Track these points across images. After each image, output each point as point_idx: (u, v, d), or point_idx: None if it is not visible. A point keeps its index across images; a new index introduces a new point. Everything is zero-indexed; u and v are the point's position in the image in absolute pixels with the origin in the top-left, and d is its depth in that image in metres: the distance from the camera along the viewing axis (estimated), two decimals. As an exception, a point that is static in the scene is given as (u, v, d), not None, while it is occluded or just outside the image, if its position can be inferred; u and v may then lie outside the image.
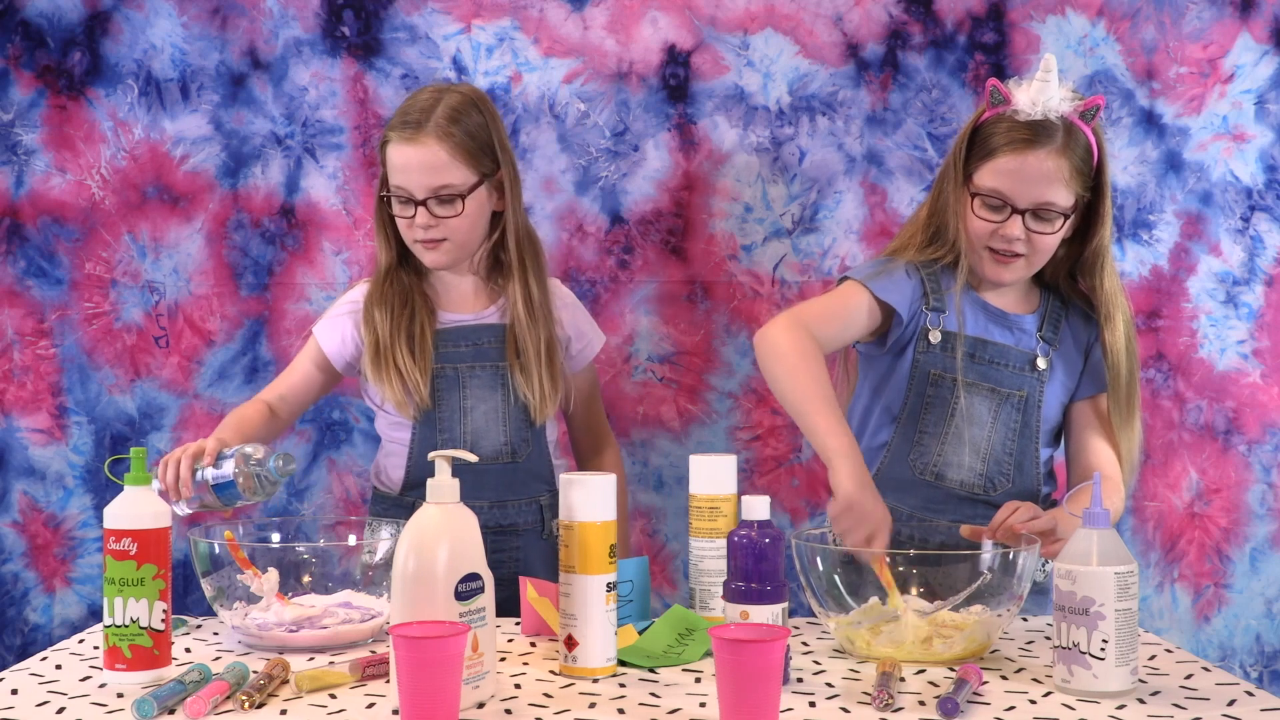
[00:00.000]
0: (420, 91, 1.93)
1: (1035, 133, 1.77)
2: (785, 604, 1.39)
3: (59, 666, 1.43)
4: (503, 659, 1.47)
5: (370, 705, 1.28)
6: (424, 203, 1.86)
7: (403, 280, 1.94)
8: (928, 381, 1.87)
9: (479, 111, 1.91)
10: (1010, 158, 1.77)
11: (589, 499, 1.40)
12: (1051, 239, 1.82)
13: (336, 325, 1.97)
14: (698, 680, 1.38)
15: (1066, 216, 1.81)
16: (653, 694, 1.33)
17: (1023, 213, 1.78)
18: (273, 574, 1.54)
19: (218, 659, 1.47)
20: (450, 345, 1.93)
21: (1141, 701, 1.30)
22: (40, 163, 2.35)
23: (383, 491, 1.99)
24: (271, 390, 1.97)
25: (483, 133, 1.90)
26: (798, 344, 1.73)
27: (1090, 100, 1.79)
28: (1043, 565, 1.80)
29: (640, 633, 1.54)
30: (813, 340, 1.75)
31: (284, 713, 1.26)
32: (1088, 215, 1.85)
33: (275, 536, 1.74)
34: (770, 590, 1.38)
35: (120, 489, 1.38)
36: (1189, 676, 1.39)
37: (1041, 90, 1.77)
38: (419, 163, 1.85)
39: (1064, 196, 1.78)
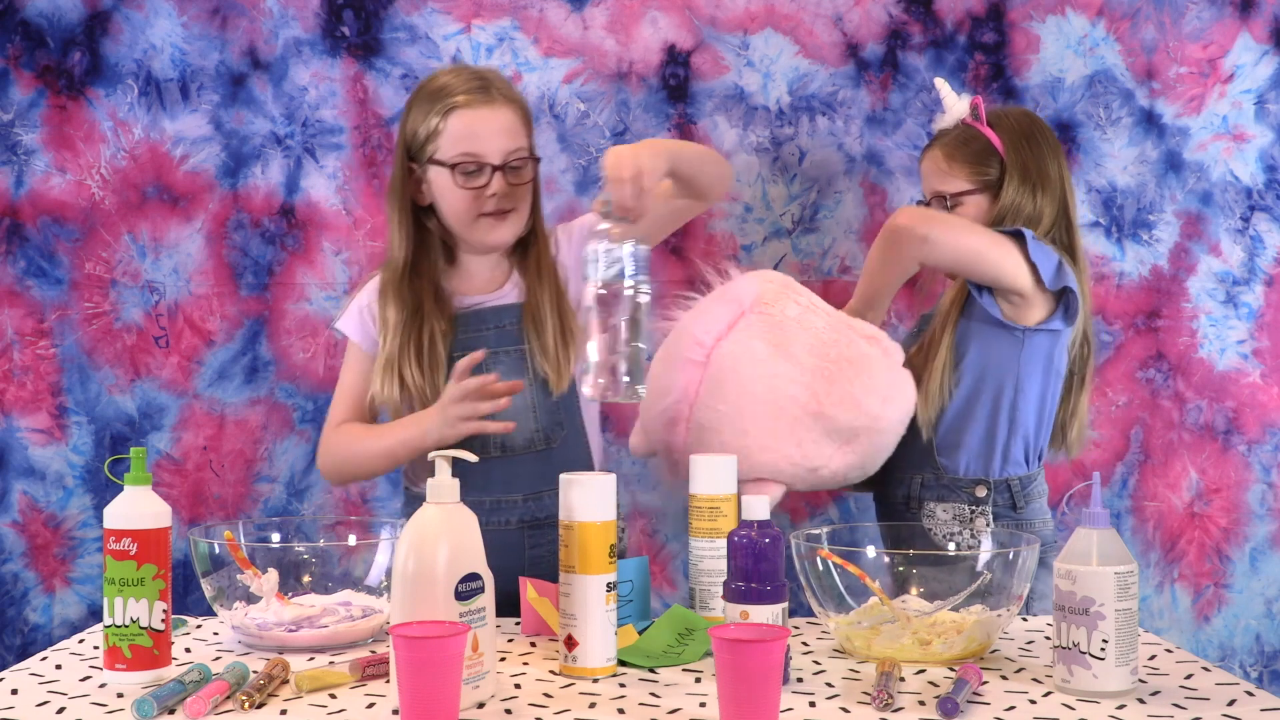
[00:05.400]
0: (454, 69, 1.85)
1: (931, 140, 2.13)
2: (785, 604, 1.39)
3: (59, 666, 1.43)
4: (503, 659, 1.47)
5: (370, 705, 1.28)
6: (501, 168, 1.78)
7: (418, 280, 1.85)
8: None
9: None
10: (920, 167, 2.15)
11: (589, 499, 1.40)
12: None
13: (354, 319, 1.90)
14: (698, 680, 1.38)
15: (957, 201, 2.04)
16: (653, 694, 1.33)
17: (927, 202, 2.10)
18: (272, 574, 1.54)
19: (218, 659, 1.47)
20: (473, 330, 1.84)
21: (1141, 701, 1.30)
22: (40, 163, 2.35)
23: (416, 492, 1.91)
24: (347, 412, 1.90)
25: (526, 104, 1.85)
26: None
27: (972, 100, 2.08)
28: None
29: (640, 633, 1.54)
30: None
31: (284, 713, 1.26)
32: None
33: (275, 536, 1.74)
34: (770, 590, 1.38)
35: (120, 489, 1.38)
36: (1189, 676, 1.39)
37: (944, 107, 2.10)
38: (497, 126, 1.77)
39: (952, 183, 2.04)
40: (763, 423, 1.82)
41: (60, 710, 1.27)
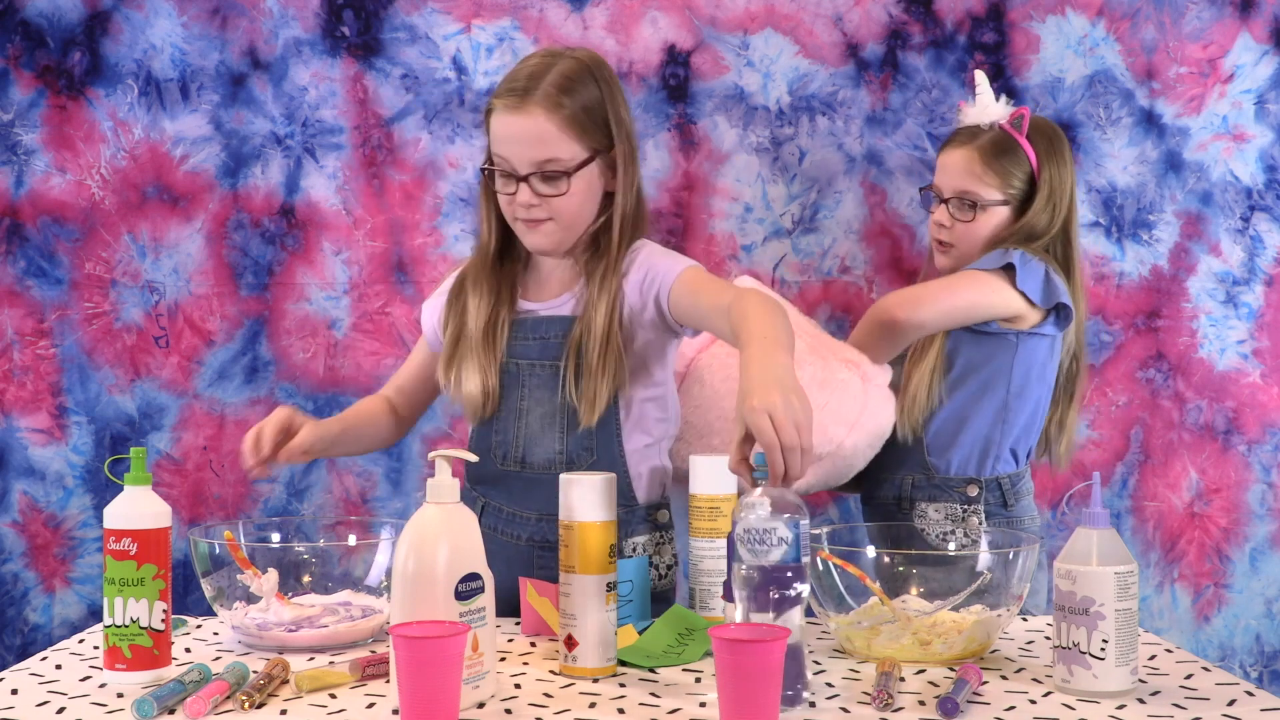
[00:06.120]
0: (533, 55, 1.72)
1: (957, 134, 2.09)
2: (785, 604, 1.39)
3: (59, 666, 1.43)
4: (503, 659, 1.47)
5: (370, 705, 1.28)
6: (526, 178, 1.67)
7: (498, 269, 1.76)
8: None
9: (595, 81, 1.69)
10: (941, 155, 2.10)
11: (588, 499, 1.40)
12: (972, 228, 2.04)
13: (435, 306, 1.84)
14: (698, 680, 1.38)
15: (981, 208, 2.03)
16: (653, 694, 1.33)
17: (946, 201, 2.06)
18: (272, 574, 1.54)
19: (218, 659, 1.47)
20: (521, 338, 1.73)
21: (1141, 701, 1.30)
22: (40, 163, 2.35)
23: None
24: (391, 384, 1.89)
25: (597, 104, 1.68)
26: None
27: (1017, 110, 2.05)
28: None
29: (640, 633, 1.54)
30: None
31: (284, 713, 1.26)
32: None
33: (275, 536, 1.74)
34: (770, 591, 1.38)
35: (120, 489, 1.38)
36: (1189, 676, 1.39)
37: (978, 103, 2.08)
38: (522, 134, 1.65)
39: (985, 190, 2.03)
40: (726, 437, 1.83)
41: (60, 710, 1.27)
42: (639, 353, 1.72)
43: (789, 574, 1.26)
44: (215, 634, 1.59)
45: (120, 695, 1.32)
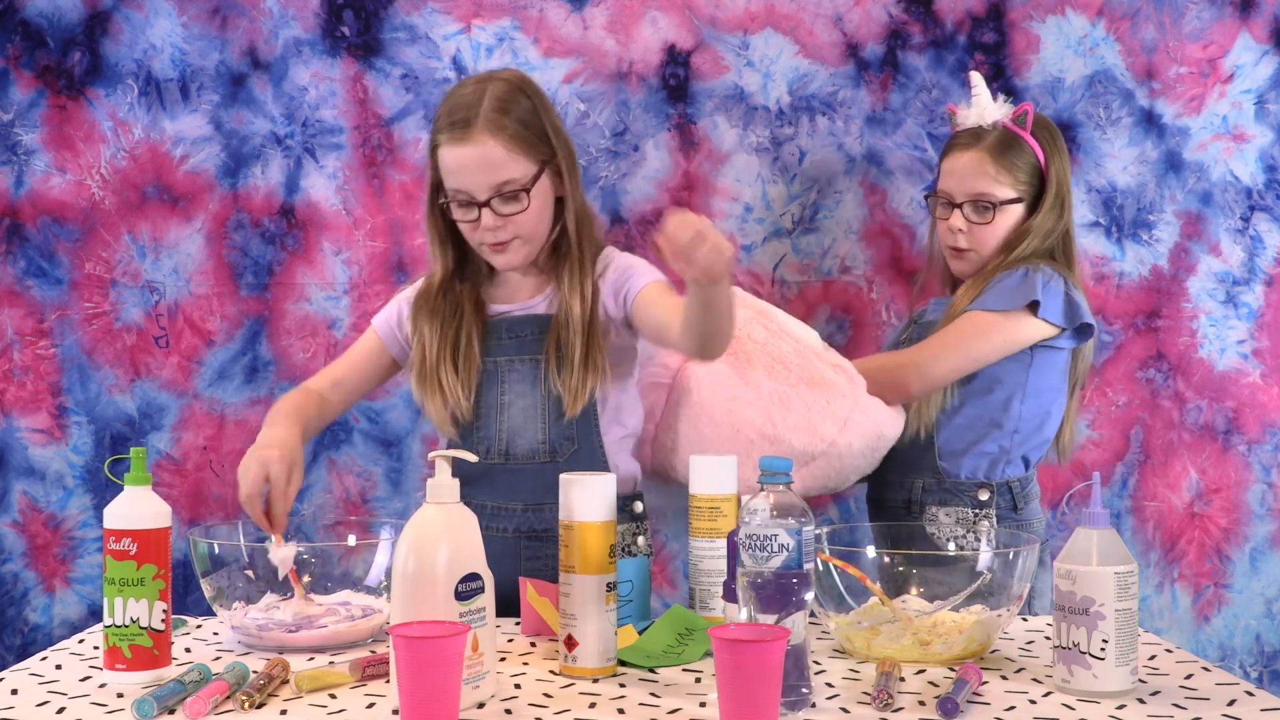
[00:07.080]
0: (461, 85, 1.80)
1: (960, 136, 2.07)
2: (785, 604, 1.39)
3: (59, 666, 1.43)
4: (503, 659, 1.47)
5: (370, 705, 1.28)
6: (487, 203, 1.74)
7: (455, 290, 1.83)
8: None
9: (526, 96, 1.77)
10: (945, 161, 2.08)
11: (589, 499, 1.40)
12: (989, 230, 2.03)
13: (392, 309, 1.90)
14: (698, 680, 1.38)
15: (998, 208, 2.02)
16: (653, 694, 1.33)
17: (958, 206, 2.04)
18: (290, 546, 1.55)
19: (218, 659, 1.47)
20: (495, 339, 1.81)
21: (1141, 701, 1.30)
22: (40, 163, 2.35)
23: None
24: (325, 376, 1.88)
25: (533, 118, 1.76)
26: None
27: (1019, 107, 2.05)
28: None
29: (640, 633, 1.54)
30: None
31: (284, 713, 1.26)
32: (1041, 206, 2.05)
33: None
34: (770, 591, 1.38)
35: (120, 489, 1.38)
36: (1189, 676, 1.39)
37: (976, 104, 2.06)
38: (476, 162, 1.72)
39: (999, 190, 2.02)
40: (719, 444, 1.86)
41: (60, 710, 1.27)
42: (612, 347, 1.81)
43: (793, 580, 1.27)
44: (215, 634, 1.59)
45: (120, 695, 1.32)
